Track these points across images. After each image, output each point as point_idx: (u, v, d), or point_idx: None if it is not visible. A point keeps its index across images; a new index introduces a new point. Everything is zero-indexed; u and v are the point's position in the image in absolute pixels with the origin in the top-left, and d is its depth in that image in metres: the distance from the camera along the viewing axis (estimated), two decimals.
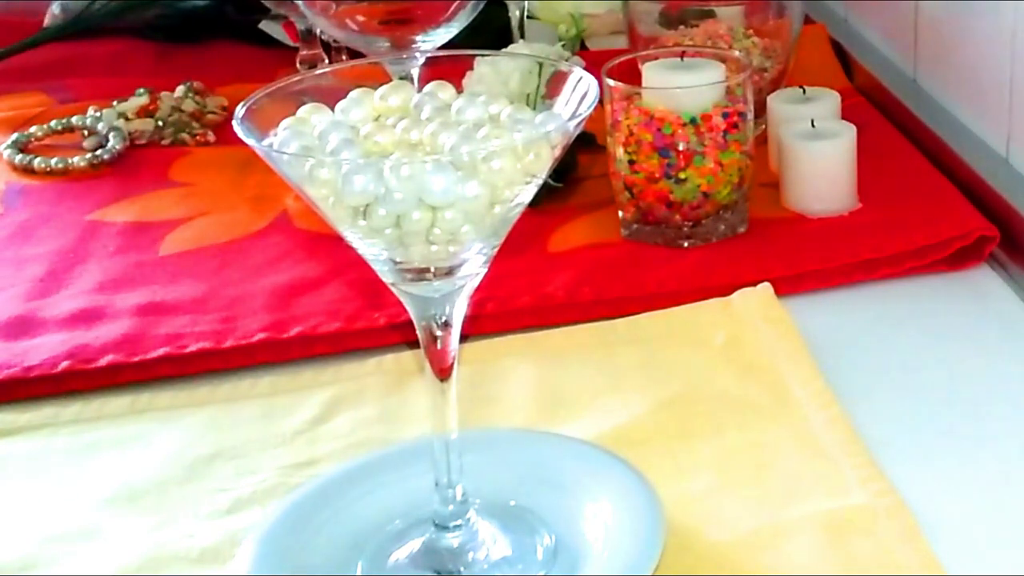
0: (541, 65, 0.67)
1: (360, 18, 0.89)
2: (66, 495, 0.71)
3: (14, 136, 1.15)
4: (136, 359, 0.81)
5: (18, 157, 1.12)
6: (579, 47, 1.23)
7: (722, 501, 0.66)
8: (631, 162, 0.89)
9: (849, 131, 0.92)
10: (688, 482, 0.67)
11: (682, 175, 0.88)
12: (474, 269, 0.58)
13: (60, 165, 1.10)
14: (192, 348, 0.81)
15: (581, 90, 0.58)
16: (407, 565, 0.62)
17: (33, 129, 1.16)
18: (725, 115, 0.88)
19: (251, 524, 0.66)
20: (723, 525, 0.64)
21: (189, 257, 0.94)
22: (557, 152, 0.56)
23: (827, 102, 0.97)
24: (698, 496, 0.66)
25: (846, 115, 0.97)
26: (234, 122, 0.56)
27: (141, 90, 1.18)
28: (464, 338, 0.70)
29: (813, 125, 0.93)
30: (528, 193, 0.56)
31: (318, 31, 1.09)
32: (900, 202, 0.92)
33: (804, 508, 0.64)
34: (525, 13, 1.13)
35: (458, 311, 0.59)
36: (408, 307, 0.59)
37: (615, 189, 0.92)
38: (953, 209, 0.90)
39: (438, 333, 0.59)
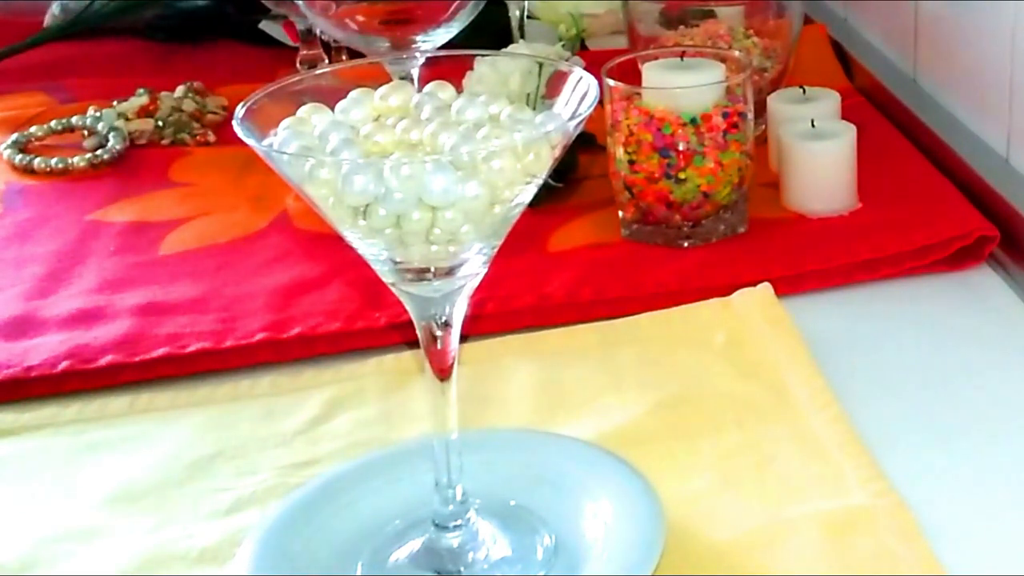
0: (541, 65, 0.67)
1: (360, 18, 0.89)
2: (66, 495, 0.71)
3: (14, 136, 1.15)
4: (136, 359, 0.81)
5: (18, 157, 1.12)
6: (579, 47, 1.24)
7: (722, 501, 0.66)
8: (631, 162, 0.89)
9: (849, 131, 0.92)
10: (688, 482, 0.67)
11: (682, 175, 0.88)
12: (474, 269, 0.58)
13: (60, 165, 1.10)
14: (192, 348, 0.81)
15: (581, 90, 0.58)
16: (407, 565, 0.62)
17: (33, 129, 1.16)
18: (725, 115, 0.88)
19: (251, 524, 0.66)
20: (723, 525, 0.64)
21: (189, 257, 0.94)
22: (557, 152, 0.56)
23: (827, 102, 0.97)
24: (698, 496, 0.66)
25: (846, 115, 0.97)
26: (234, 122, 0.56)
27: (141, 90, 1.18)
28: (464, 338, 0.70)
29: (813, 125, 0.93)
30: (528, 193, 0.56)
31: (318, 31, 1.09)
32: (900, 202, 0.92)
33: (804, 508, 0.64)
34: (525, 13, 1.13)
35: (458, 311, 0.59)
36: (408, 307, 0.59)
37: (615, 189, 0.92)
38: (953, 209, 0.90)
39: (438, 333, 0.59)
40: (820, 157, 0.92)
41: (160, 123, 1.15)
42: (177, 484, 0.71)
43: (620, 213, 0.92)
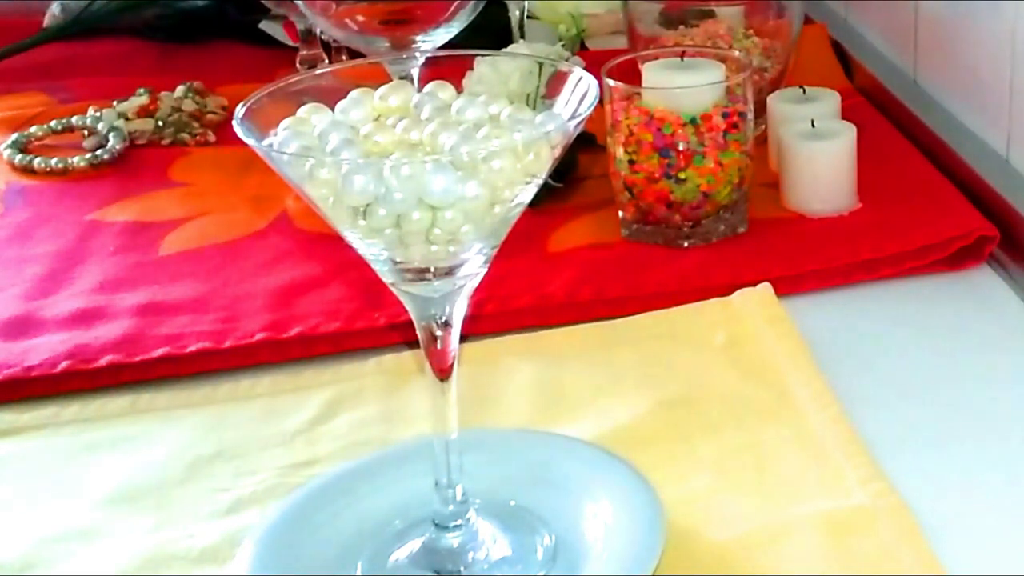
0: (541, 65, 0.67)
1: (360, 18, 0.89)
2: (66, 495, 0.71)
3: (14, 136, 1.15)
4: (136, 359, 0.81)
5: (18, 157, 1.12)
6: (579, 47, 1.24)
7: (722, 501, 0.66)
8: (631, 162, 0.89)
9: (849, 131, 0.92)
10: (688, 482, 0.67)
11: (682, 175, 0.88)
12: (474, 269, 0.58)
13: (60, 165, 1.10)
14: (192, 348, 0.81)
15: (581, 90, 0.58)
16: (407, 565, 0.62)
17: (33, 129, 1.16)
18: (725, 115, 0.88)
19: (251, 524, 0.66)
20: (723, 525, 0.64)
21: (189, 257, 0.94)
22: (557, 152, 0.56)
23: (827, 102, 0.97)
24: (698, 496, 0.66)
25: (846, 115, 0.97)
26: (234, 122, 0.56)
27: (141, 90, 1.18)
28: (464, 338, 0.70)
29: (813, 125, 0.93)
30: (528, 193, 0.56)
31: (318, 31, 1.09)
32: (900, 202, 0.92)
33: (804, 508, 0.64)
34: (525, 13, 1.13)
35: (458, 311, 0.59)
36: (408, 307, 0.59)
37: (615, 189, 0.92)
38: (953, 209, 0.90)
39: (438, 333, 0.59)
40: (820, 157, 0.92)
41: (160, 123, 1.15)
42: (177, 484, 0.71)
43: (620, 213, 0.92)
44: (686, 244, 0.90)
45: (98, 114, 1.15)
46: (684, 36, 1.02)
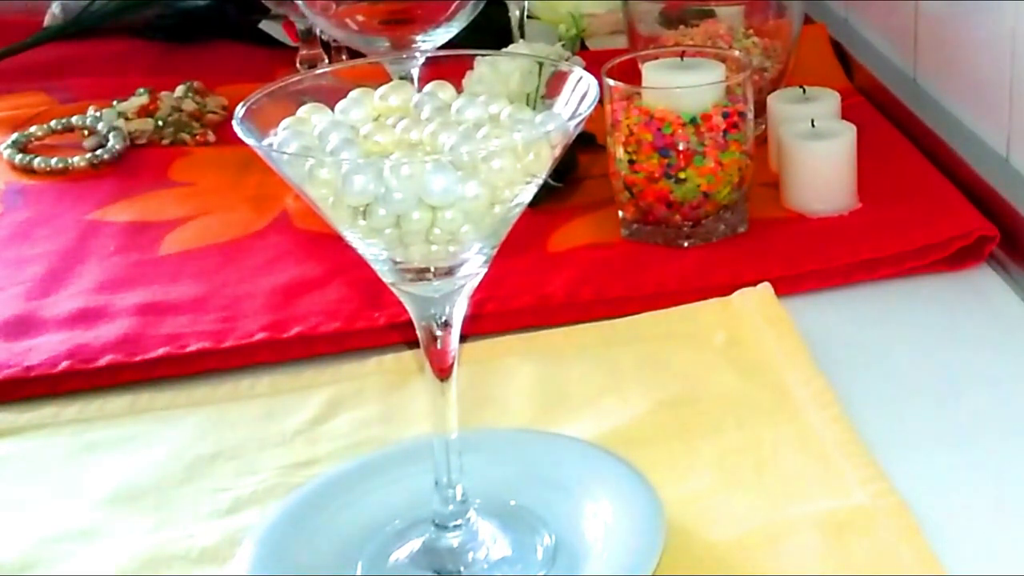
0: (541, 65, 0.67)
1: (360, 18, 0.89)
2: (66, 495, 0.71)
3: (14, 136, 1.15)
4: (136, 359, 0.81)
5: (18, 157, 1.12)
6: (579, 47, 1.24)
7: (722, 501, 0.66)
8: (631, 162, 0.89)
9: (849, 131, 0.92)
10: (688, 482, 0.67)
11: (682, 175, 0.88)
12: (474, 269, 0.58)
13: (60, 165, 1.10)
14: (192, 348, 0.81)
15: (581, 90, 0.58)
16: (407, 565, 0.62)
17: (33, 129, 1.16)
18: (725, 115, 0.88)
19: (251, 524, 0.66)
20: (723, 525, 0.64)
21: (189, 257, 0.94)
22: (557, 152, 0.56)
23: (827, 102, 0.97)
24: (698, 496, 0.66)
25: (846, 115, 0.97)
26: (234, 122, 0.56)
27: (141, 90, 1.18)
28: (464, 338, 0.70)
29: (813, 125, 0.93)
30: (528, 193, 0.56)
31: (318, 31, 1.09)
32: (900, 202, 0.92)
33: (804, 508, 0.65)
34: (525, 13, 1.13)
35: (458, 311, 0.59)
36: (408, 307, 0.59)
37: (615, 189, 0.92)
38: (953, 209, 0.90)
39: (438, 333, 0.59)
40: (820, 157, 0.92)
41: (160, 123, 1.15)
42: (177, 484, 0.71)
43: (620, 213, 0.92)
44: (686, 244, 0.90)
45: (98, 114, 1.15)
46: (684, 36, 1.03)
